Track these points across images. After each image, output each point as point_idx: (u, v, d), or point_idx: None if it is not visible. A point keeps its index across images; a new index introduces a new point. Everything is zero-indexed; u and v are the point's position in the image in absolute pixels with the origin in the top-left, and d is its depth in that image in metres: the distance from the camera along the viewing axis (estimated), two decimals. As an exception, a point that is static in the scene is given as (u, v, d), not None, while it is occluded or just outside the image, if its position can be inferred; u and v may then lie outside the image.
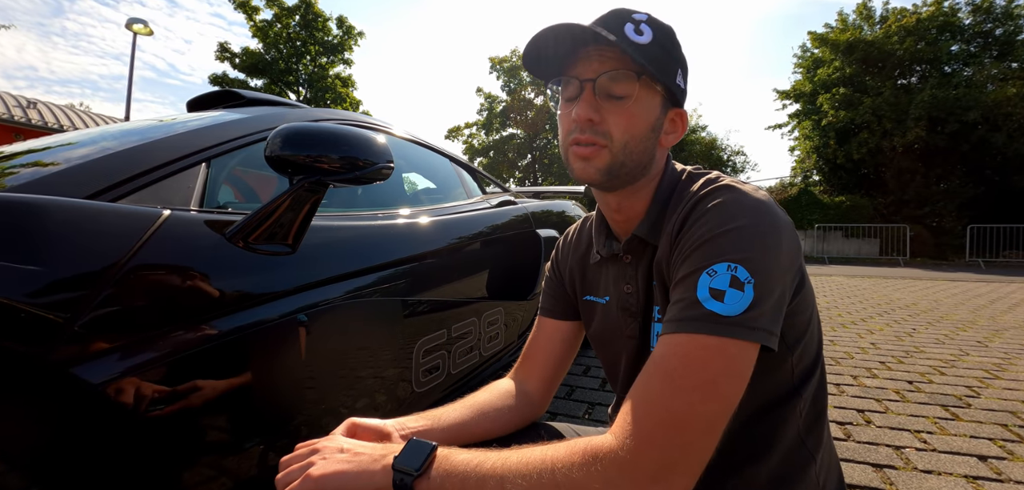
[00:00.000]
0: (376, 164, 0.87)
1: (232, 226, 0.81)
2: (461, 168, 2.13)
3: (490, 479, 0.48)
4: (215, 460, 0.76)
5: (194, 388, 0.72)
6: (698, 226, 0.55)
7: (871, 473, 1.51)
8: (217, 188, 0.97)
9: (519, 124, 25.59)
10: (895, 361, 2.77)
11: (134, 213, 0.71)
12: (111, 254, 0.65)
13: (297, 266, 0.90)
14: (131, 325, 0.66)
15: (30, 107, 12.91)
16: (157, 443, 0.68)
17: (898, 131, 15.18)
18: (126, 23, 10.63)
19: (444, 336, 1.32)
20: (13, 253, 0.57)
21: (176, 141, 0.92)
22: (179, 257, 0.73)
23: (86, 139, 1.01)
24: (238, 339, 0.78)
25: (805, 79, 18.65)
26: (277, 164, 0.80)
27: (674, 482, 0.45)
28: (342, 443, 0.57)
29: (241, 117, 1.12)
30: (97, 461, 0.63)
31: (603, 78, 0.59)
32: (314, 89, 18.58)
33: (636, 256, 0.67)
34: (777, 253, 0.52)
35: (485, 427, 0.70)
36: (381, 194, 1.50)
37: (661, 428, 0.46)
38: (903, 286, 6.97)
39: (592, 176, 0.62)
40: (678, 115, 0.66)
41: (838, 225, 14.78)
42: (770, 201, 0.56)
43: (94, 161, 0.80)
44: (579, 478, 0.46)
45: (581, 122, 0.60)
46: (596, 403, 2.07)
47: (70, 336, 0.60)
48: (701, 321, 0.49)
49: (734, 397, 0.48)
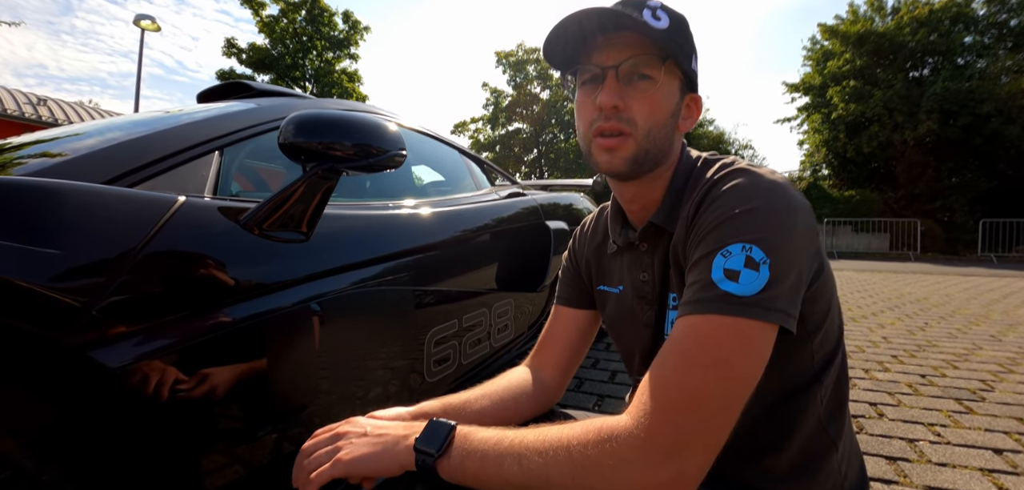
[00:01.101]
0: (389, 151, 0.87)
1: (246, 213, 0.81)
2: (470, 160, 2.13)
3: (508, 456, 0.49)
4: (228, 446, 0.77)
5: (210, 374, 0.72)
6: (713, 209, 0.55)
7: (885, 466, 1.49)
8: (230, 176, 0.97)
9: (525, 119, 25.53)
10: (907, 355, 2.75)
11: (150, 199, 0.71)
12: (128, 239, 0.65)
13: (311, 254, 0.90)
14: (148, 310, 0.66)
15: (40, 104, 13.03)
16: (173, 428, 0.69)
17: (909, 124, 14.99)
18: (134, 19, 10.69)
19: (455, 326, 1.33)
20: (33, 237, 0.58)
21: (189, 129, 0.92)
22: (194, 243, 0.73)
23: (101, 128, 1.02)
24: (253, 326, 0.78)
25: (815, 72, 18.44)
26: (290, 151, 0.80)
27: (688, 460, 0.45)
28: (365, 426, 0.59)
29: (252, 106, 1.12)
30: (114, 444, 0.63)
31: (627, 64, 0.59)
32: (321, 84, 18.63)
33: (652, 244, 0.67)
34: (793, 234, 0.51)
35: (501, 413, 0.70)
36: (392, 185, 1.50)
37: (675, 407, 0.46)
38: (914, 281, 6.90)
39: (618, 167, 0.61)
40: (693, 100, 0.66)
41: (847, 219, 14.64)
42: (786, 183, 0.55)
43: (110, 148, 0.81)
44: (594, 455, 0.46)
45: (606, 109, 0.59)
46: (606, 395, 2.06)
47: (88, 320, 0.60)
48: (716, 302, 0.49)
49: (750, 377, 0.47)
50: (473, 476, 0.51)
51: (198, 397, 0.70)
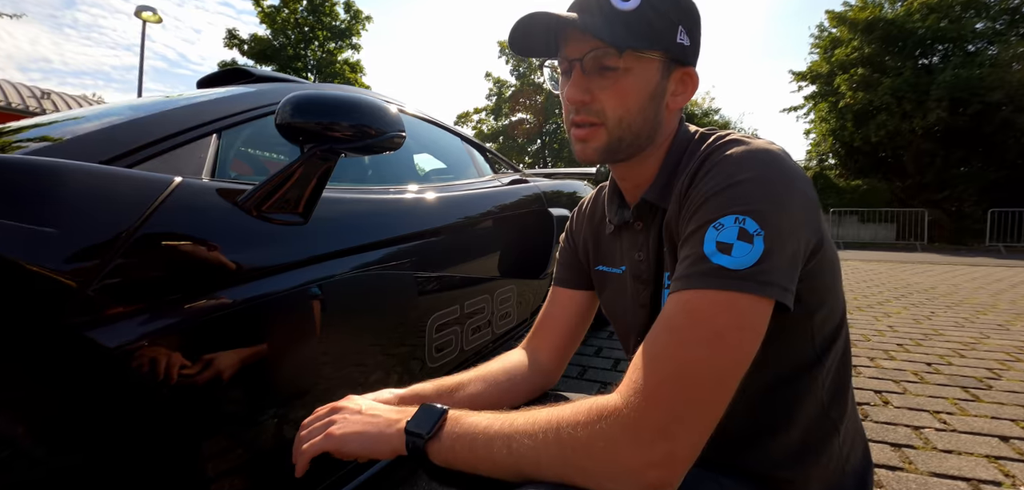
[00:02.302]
0: (388, 133, 0.86)
1: (243, 194, 0.80)
2: (472, 147, 2.12)
3: (497, 439, 0.49)
4: (226, 429, 0.76)
5: (208, 356, 0.72)
6: (705, 181, 0.53)
7: (890, 452, 1.48)
8: (228, 159, 0.97)
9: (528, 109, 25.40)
10: (913, 343, 2.73)
11: (147, 179, 0.71)
12: (124, 219, 0.64)
13: (310, 237, 0.90)
14: (144, 290, 0.66)
15: (44, 97, 13.07)
16: (169, 409, 0.68)
17: (918, 113, 14.79)
18: (135, 11, 10.68)
19: (457, 312, 1.32)
20: (28, 215, 0.57)
21: (187, 112, 0.91)
22: (191, 224, 0.73)
23: (99, 112, 1.01)
24: (250, 308, 0.77)
25: (822, 60, 18.18)
26: (288, 132, 0.79)
27: (680, 438, 0.43)
28: (361, 405, 0.59)
29: (251, 90, 1.11)
30: (110, 423, 0.63)
31: (589, 56, 0.58)
32: (322, 75, 18.60)
33: (647, 222, 0.66)
34: (789, 205, 0.49)
35: (497, 396, 0.70)
36: (394, 170, 1.49)
37: (666, 383, 0.44)
38: (921, 270, 6.84)
39: (591, 157, 0.61)
40: (686, 74, 0.62)
41: (854, 209, 14.51)
42: (782, 152, 0.53)
43: (108, 129, 0.80)
44: (583, 436, 0.45)
45: (574, 103, 0.59)
46: (609, 383, 2.06)
47: (84, 300, 0.60)
48: (708, 276, 0.47)
49: (745, 352, 0.46)
50: (463, 460, 0.50)
51: (196, 379, 0.70)
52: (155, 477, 0.68)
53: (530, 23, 0.59)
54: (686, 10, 0.60)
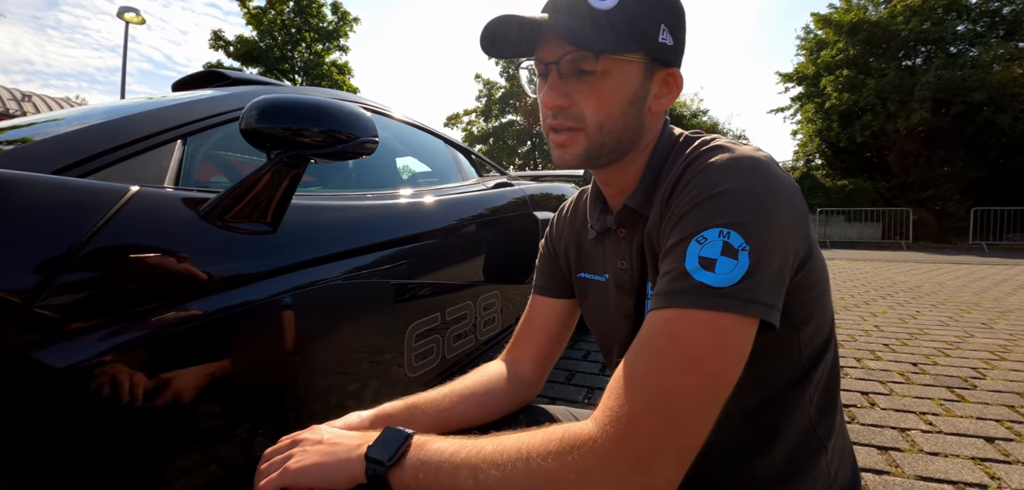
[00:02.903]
0: (359, 138, 0.82)
1: (207, 203, 0.76)
2: (457, 150, 2.09)
3: (463, 468, 0.46)
4: (187, 452, 0.72)
5: (167, 373, 0.68)
6: (688, 190, 0.50)
7: (876, 455, 1.48)
8: (194, 166, 0.93)
9: (519, 111, 25.40)
10: (899, 343, 2.74)
11: (98, 188, 0.67)
12: (73, 231, 0.61)
13: (279, 246, 0.86)
14: (96, 307, 0.62)
15: (25, 100, 12.76)
16: (125, 432, 0.65)
17: (902, 113, 15.02)
18: (117, 12, 10.51)
19: (438, 320, 1.29)
20: (-40, 230, 0.53)
21: (150, 117, 0.87)
22: (148, 235, 0.69)
23: (56, 117, 0.97)
24: (215, 322, 0.74)
25: (808, 61, 18.41)
26: (253, 138, 0.76)
27: (657, 471, 0.41)
28: (323, 434, 0.56)
29: (222, 94, 1.08)
30: (58, 448, 0.59)
31: (566, 60, 0.54)
32: (310, 77, 18.43)
33: (630, 229, 0.63)
34: (776, 217, 0.47)
35: (474, 411, 0.67)
36: (374, 175, 1.46)
37: (645, 412, 0.42)
38: (906, 269, 6.92)
39: (570, 162, 0.58)
40: (669, 75, 0.59)
41: (840, 209, 14.69)
42: (769, 160, 0.50)
43: (62, 136, 0.76)
44: (553, 468, 0.42)
45: (551, 108, 0.56)
46: (596, 387, 2.04)
47: (28, 318, 0.56)
48: (690, 294, 0.44)
49: (729, 377, 0.43)
50: (425, 488, 0.47)
51: (154, 399, 0.66)
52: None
53: (499, 26, 0.56)
54: (669, 7, 0.56)
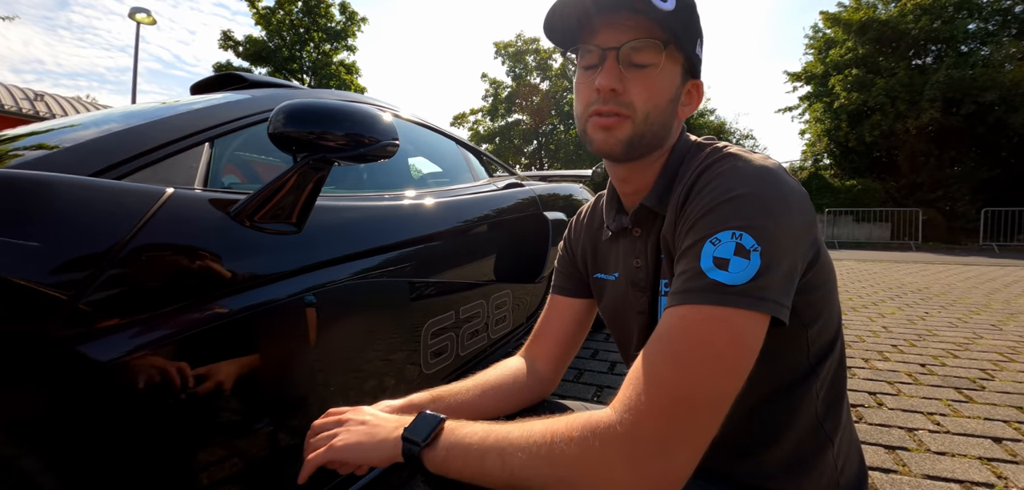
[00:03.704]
0: (381, 141, 0.86)
1: (236, 204, 0.80)
2: (467, 151, 2.11)
3: (491, 451, 0.49)
4: (220, 441, 0.76)
5: (201, 368, 0.71)
6: (702, 195, 0.53)
7: (884, 455, 1.49)
8: (221, 168, 0.96)
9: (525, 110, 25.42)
10: (907, 344, 2.74)
11: (138, 191, 0.70)
12: (115, 232, 0.64)
13: (303, 246, 0.89)
14: (137, 303, 0.65)
15: (37, 99, 12.95)
16: (162, 422, 0.68)
17: (912, 113, 14.88)
18: (129, 13, 10.63)
19: (452, 318, 1.32)
20: (16, 230, 0.57)
21: (179, 121, 0.91)
22: (183, 235, 0.72)
23: (90, 120, 1.00)
24: (244, 319, 0.77)
25: (817, 60, 18.29)
26: (281, 141, 0.79)
27: (674, 458, 0.43)
28: (365, 415, 0.60)
29: (244, 97, 1.11)
30: (102, 438, 0.63)
31: (627, 47, 0.57)
32: (318, 76, 18.54)
33: (645, 229, 0.66)
34: (786, 221, 0.50)
35: (494, 404, 0.70)
36: (388, 176, 1.49)
37: (662, 404, 0.44)
38: (915, 270, 6.88)
39: (613, 147, 0.60)
40: (695, 86, 0.64)
41: (849, 209, 14.59)
42: (778, 168, 0.53)
43: (98, 140, 0.80)
44: (575, 452, 0.45)
45: (604, 92, 0.58)
46: (605, 386, 2.06)
47: (73, 314, 0.59)
48: (705, 292, 0.47)
49: (741, 370, 0.46)
50: (456, 469, 0.51)
51: (189, 391, 0.69)
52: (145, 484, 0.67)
53: (567, 4, 0.58)
54: (701, 28, 0.62)
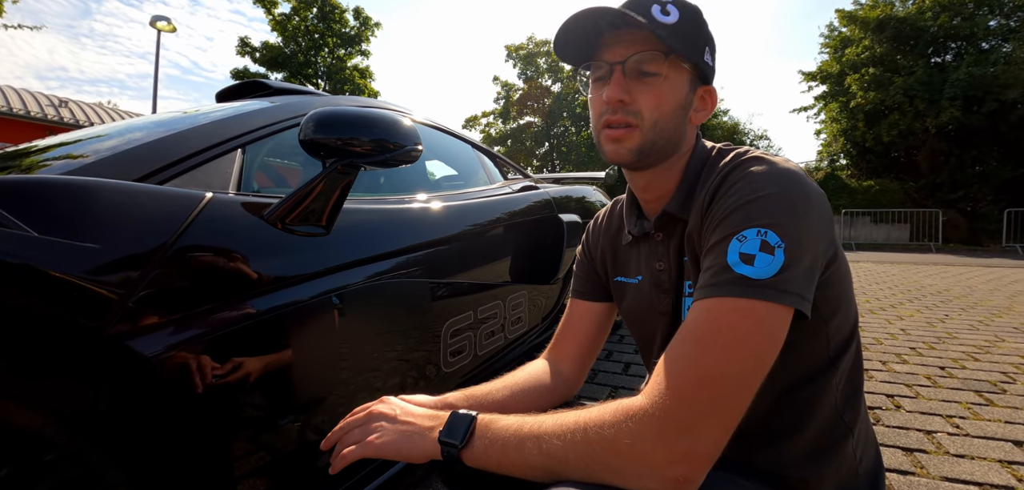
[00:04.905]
0: (405, 146, 0.89)
1: (269, 208, 0.84)
2: (482, 154, 2.15)
3: (528, 441, 0.52)
4: (253, 432, 0.80)
5: (236, 363, 0.75)
6: (728, 196, 0.56)
7: (901, 457, 1.49)
8: (252, 173, 1.00)
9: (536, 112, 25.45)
10: (926, 347, 2.71)
11: (180, 195, 0.74)
12: (161, 234, 0.68)
13: (330, 248, 0.93)
14: (179, 302, 0.69)
15: (62, 106, 13.34)
16: (202, 413, 0.72)
17: (931, 112, 14.58)
18: (150, 21, 10.89)
19: (470, 318, 1.35)
20: (74, 231, 0.61)
21: (213, 128, 0.95)
22: (221, 237, 0.76)
23: (131, 127, 1.05)
24: (276, 317, 0.81)
25: (832, 59, 18.00)
26: (311, 147, 0.83)
27: (702, 436, 0.46)
28: (396, 411, 0.62)
29: (271, 105, 1.15)
30: (149, 427, 0.67)
31: (632, 60, 0.61)
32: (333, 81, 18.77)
33: (667, 233, 0.69)
34: (808, 220, 0.52)
35: (522, 404, 0.72)
36: (406, 179, 1.53)
37: (690, 385, 0.47)
38: (935, 272, 6.75)
39: (624, 156, 0.64)
40: (707, 92, 0.67)
41: (866, 210, 14.34)
42: (801, 171, 0.57)
43: (140, 147, 0.84)
44: (610, 434, 0.48)
45: (611, 103, 0.62)
46: (619, 386, 2.08)
47: (125, 311, 0.63)
48: (731, 284, 0.50)
49: (766, 357, 0.49)
50: (496, 462, 0.53)
51: (226, 384, 0.73)
52: (189, 475, 0.71)
53: (571, 26, 0.62)
54: (710, 36, 0.66)
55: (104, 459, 0.64)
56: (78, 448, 0.62)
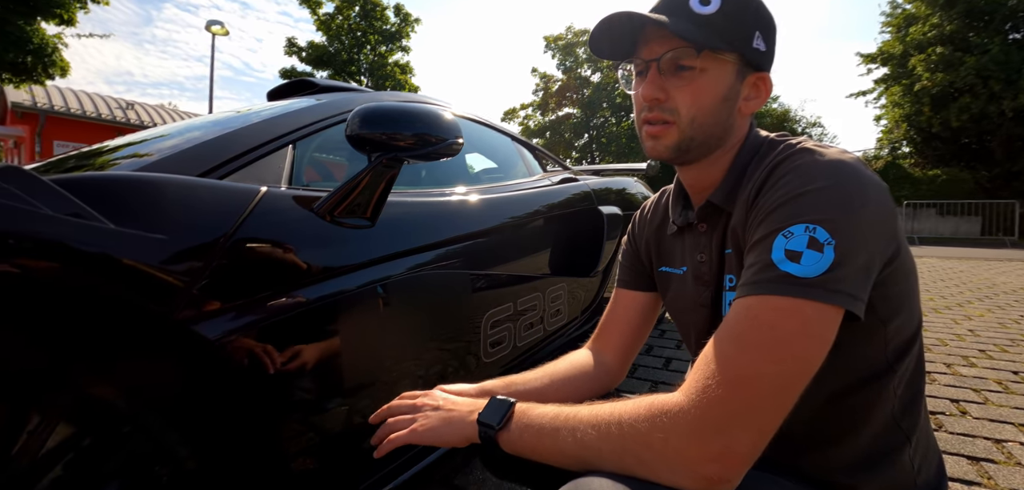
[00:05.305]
0: (446, 140, 0.91)
1: (318, 201, 0.87)
2: (522, 146, 2.15)
3: (563, 429, 0.53)
4: (304, 413, 0.84)
5: (289, 348, 0.79)
6: (776, 189, 0.54)
7: (966, 466, 1.39)
8: (302, 168, 1.05)
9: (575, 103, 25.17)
10: (998, 349, 2.51)
11: (237, 189, 0.79)
12: (221, 226, 0.73)
13: (375, 240, 0.96)
14: (238, 289, 0.74)
15: (128, 108, 14.40)
16: (258, 395, 0.77)
17: (1008, 93, 13.35)
18: (205, 25, 11.51)
19: (510, 310, 1.36)
20: (144, 223, 0.66)
21: (265, 126, 1.00)
22: (275, 230, 0.80)
23: (190, 127, 1.13)
24: (325, 306, 0.85)
25: (895, 39, 16.79)
26: (357, 142, 0.86)
27: (737, 437, 0.45)
28: (439, 400, 0.65)
29: (319, 103, 1.20)
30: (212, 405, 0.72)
31: (666, 57, 0.60)
32: (375, 77, 19.22)
33: (710, 224, 0.67)
34: (863, 215, 0.49)
35: (564, 393, 0.73)
36: (447, 173, 1.55)
37: (725, 385, 0.46)
38: (1010, 269, 6.23)
39: (662, 153, 0.63)
40: (760, 79, 0.64)
41: (932, 202, 13.36)
42: (857, 162, 0.53)
43: (200, 145, 0.90)
44: (644, 428, 0.48)
45: (648, 101, 0.62)
46: (660, 382, 2.04)
47: (190, 298, 0.68)
48: (774, 282, 0.48)
49: (810, 360, 0.46)
50: (530, 447, 0.55)
51: (279, 369, 0.78)
52: (245, 449, 0.77)
53: (611, 24, 0.62)
54: (764, 18, 0.62)
55: (174, 433, 0.70)
56: (150, 421, 0.68)
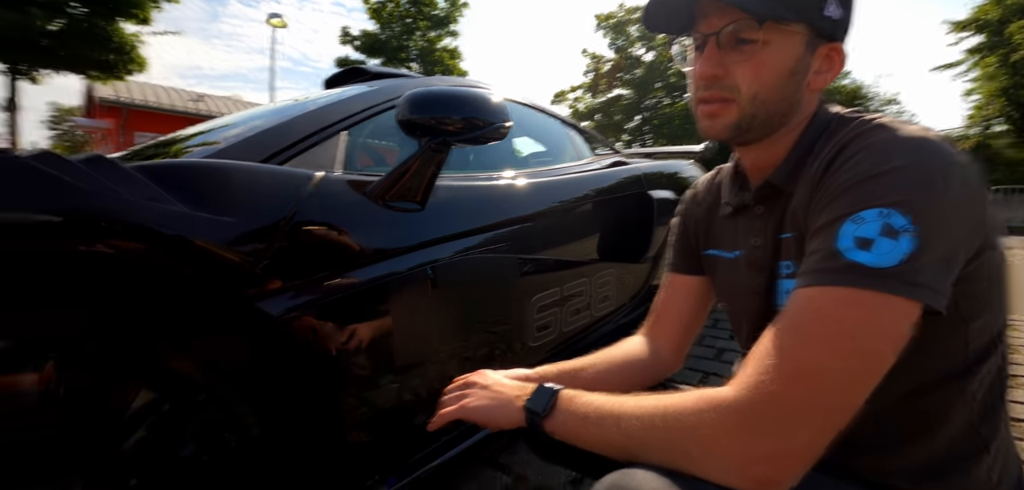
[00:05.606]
0: (495, 124, 0.91)
1: (371, 185, 0.90)
2: (571, 129, 2.12)
3: (608, 418, 0.51)
4: (358, 388, 0.88)
5: (345, 326, 0.83)
6: (846, 169, 0.48)
7: (1068, 478, 1.24)
8: (355, 153, 1.08)
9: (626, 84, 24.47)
10: (1110, 350, 2.22)
11: (296, 174, 0.83)
12: (282, 209, 0.77)
13: (425, 223, 0.98)
14: (297, 269, 0.78)
15: (198, 100, 15.68)
16: (316, 369, 0.81)
17: None
18: (266, 18, 12.13)
19: (557, 295, 1.35)
20: (213, 206, 0.70)
21: (321, 113, 1.04)
22: (331, 213, 0.84)
23: (253, 116, 1.19)
24: (379, 286, 0.88)
25: (991, 4, 15.05)
26: (407, 127, 0.87)
27: (793, 436, 0.42)
28: (490, 381, 0.67)
29: (369, 90, 1.23)
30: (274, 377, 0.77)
31: (726, 30, 0.55)
32: (425, 63, 19.53)
33: (768, 206, 0.62)
34: (948, 198, 0.44)
35: (617, 380, 0.72)
36: (495, 157, 1.55)
37: (781, 379, 0.42)
38: None
39: (720, 132, 0.58)
40: (833, 50, 0.57)
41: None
42: (940, 139, 0.47)
43: (262, 133, 0.94)
44: (691, 422, 0.46)
45: (706, 79, 0.57)
46: (712, 373, 1.97)
47: (254, 276, 0.72)
48: (841, 273, 0.43)
49: (879, 357, 0.42)
50: (575, 434, 0.54)
51: (337, 345, 0.82)
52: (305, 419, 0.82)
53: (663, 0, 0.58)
54: None
55: (242, 402, 0.75)
56: (221, 390, 0.73)
